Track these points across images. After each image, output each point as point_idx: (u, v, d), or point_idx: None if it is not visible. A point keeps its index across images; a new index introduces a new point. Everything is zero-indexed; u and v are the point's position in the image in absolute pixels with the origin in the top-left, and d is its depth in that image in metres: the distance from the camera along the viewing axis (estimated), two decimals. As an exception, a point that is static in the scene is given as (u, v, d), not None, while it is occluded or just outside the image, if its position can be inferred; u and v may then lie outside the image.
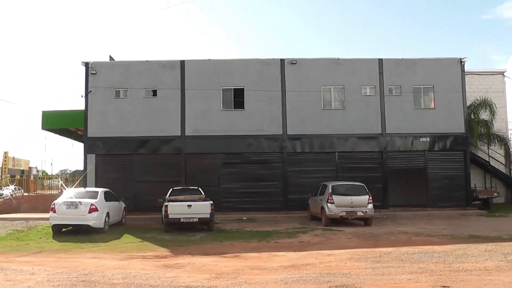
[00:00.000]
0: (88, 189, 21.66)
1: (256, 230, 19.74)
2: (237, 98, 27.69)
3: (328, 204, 20.77)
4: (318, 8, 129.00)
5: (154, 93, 27.69)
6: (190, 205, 19.20)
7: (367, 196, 21.09)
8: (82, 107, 27.70)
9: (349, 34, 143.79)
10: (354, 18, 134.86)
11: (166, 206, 19.17)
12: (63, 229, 19.26)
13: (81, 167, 27.62)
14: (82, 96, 27.47)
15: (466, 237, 16.86)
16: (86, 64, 27.58)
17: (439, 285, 8.98)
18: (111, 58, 30.32)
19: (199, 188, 21.83)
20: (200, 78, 27.69)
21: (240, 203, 26.75)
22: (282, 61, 27.97)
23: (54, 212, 18.48)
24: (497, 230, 18.72)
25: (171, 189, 21.65)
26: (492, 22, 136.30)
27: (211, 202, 19.62)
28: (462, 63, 28.70)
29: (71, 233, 18.70)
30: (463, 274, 10.10)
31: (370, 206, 20.99)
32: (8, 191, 35.52)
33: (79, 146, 28.73)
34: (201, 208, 19.29)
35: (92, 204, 18.59)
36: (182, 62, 27.94)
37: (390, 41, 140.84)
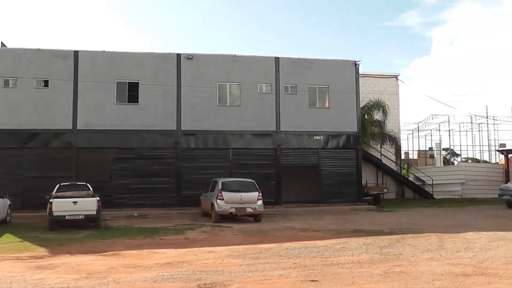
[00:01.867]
0: (-32, 186, 20.82)
1: (145, 226, 19.63)
2: (132, 92, 27.44)
3: (218, 200, 20.99)
4: (215, 3, 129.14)
5: (46, 83, 26.85)
6: (76, 202, 18.70)
7: (257, 193, 21.45)
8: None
9: (249, 31, 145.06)
10: (257, 15, 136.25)
11: (51, 203, 18.56)
12: None
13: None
14: (-33, 85, 26.32)
15: (350, 231, 17.60)
16: (-28, 51, 26.38)
17: (309, 280, 9.26)
18: (2, 44, 29.19)
19: (87, 184, 21.21)
20: (94, 70, 27.20)
21: (133, 199, 26.53)
22: (178, 56, 28.06)
23: None
24: (381, 224, 19.76)
25: (58, 185, 20.83)
26: (396, 28, 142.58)
27: (98, 198, 19.18)
28: (357, 66, 30.13)
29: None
30: (335, 267, 10.50)
31: (260, 202, 21.33)
32: None
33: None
34: (87, 204, 18.85)
35: (-30, 203, 17.89)
36: (76, 53, 27.28)
37: (293, 44, 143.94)
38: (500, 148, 43.77)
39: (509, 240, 14.99)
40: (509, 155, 41.70)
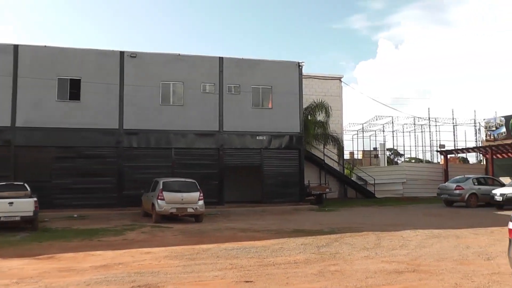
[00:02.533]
0: None
1: (84, 228, 19.36)
2: (73, 89, 27.10)
3: (159, 200, 21.11)
4: (158, 2, 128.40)
5: (-16, 79, 26.14)
6: (12, 202, 18.18)
7: (198, 193, 21.69)
8: None
9: (193, 30, 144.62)
10: (201, 14, 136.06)
11: None
12: None
13: None
14: None
15: (290, 231, 17.82)
16: None
17: (243, 281, 9.47)
18: None
19: (25, 184, 20.65)
20: (35, 65, 26.69)
21: (73, 200, 26.11)
22: (121, 53, 27.94)
23: None
24: (321, 224, 20.06)
25: None
26: (342, 31, 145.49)
27: (35, 199, 18.76)
28: (300, 67, 30.85)
29: None
30: (271, 268, 10.76)
31: (201, 202, 21.57)
32: None
33: None
34: (24, 205, 18.39)
35: None
36: (16, 47, 26.70)
37: (238, 44, 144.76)
38: (440, 149, 45.61)
39: (443, 237, 15.67)
40: (448, 156, 43.43)
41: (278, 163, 30.11)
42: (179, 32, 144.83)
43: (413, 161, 55.84)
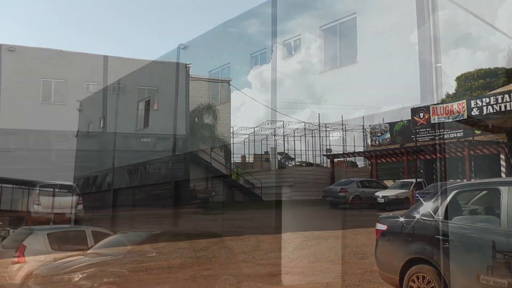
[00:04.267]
0: None
1: None
2: None
3: (34, 205, 21.01)
4: None
5: None
6: None
7: (77, 197, 21.83)
8: None
9: (75, 26, 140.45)
10: (88, 11, 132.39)
11: None
12: None
13: None
14: None
15: (170, 235, 18.12)
16: None
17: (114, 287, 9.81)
18: None
19: None
20: None
21: None
22: (-1, 46, 27.52)
23: None
24: (203, 228, 20.69)
25: None
26: (237, 35, 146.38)
27: None
28: (187, 69, 31.72)
29: None
30: (143, 273, 10.96)
31: (80, 207, 21.71)
32: None
33: None
34: None
35: None
36: None
37: (124, 44, 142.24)
38: (327, 153, 47.92)
39: (323, 239, 16.17)
40: (335, 160, 45.74)
41: (163, 166, 30.69)
42: (63, 31, 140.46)
43: (304, 165, 57.96)
